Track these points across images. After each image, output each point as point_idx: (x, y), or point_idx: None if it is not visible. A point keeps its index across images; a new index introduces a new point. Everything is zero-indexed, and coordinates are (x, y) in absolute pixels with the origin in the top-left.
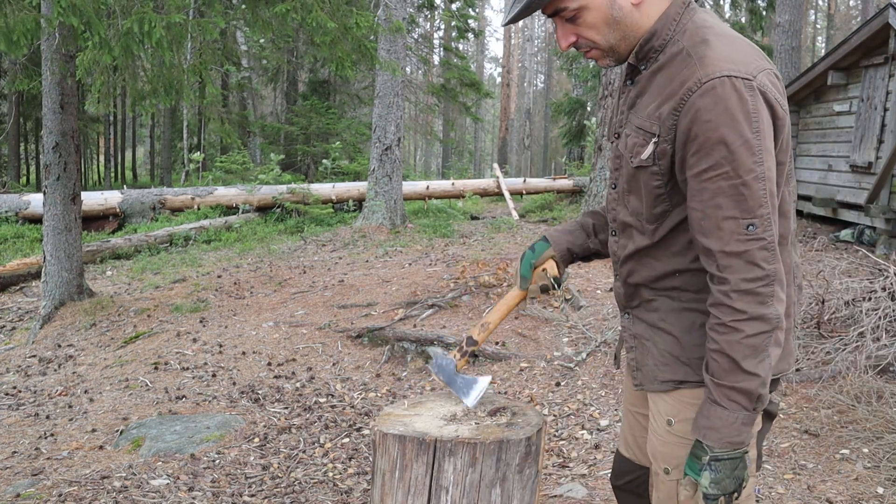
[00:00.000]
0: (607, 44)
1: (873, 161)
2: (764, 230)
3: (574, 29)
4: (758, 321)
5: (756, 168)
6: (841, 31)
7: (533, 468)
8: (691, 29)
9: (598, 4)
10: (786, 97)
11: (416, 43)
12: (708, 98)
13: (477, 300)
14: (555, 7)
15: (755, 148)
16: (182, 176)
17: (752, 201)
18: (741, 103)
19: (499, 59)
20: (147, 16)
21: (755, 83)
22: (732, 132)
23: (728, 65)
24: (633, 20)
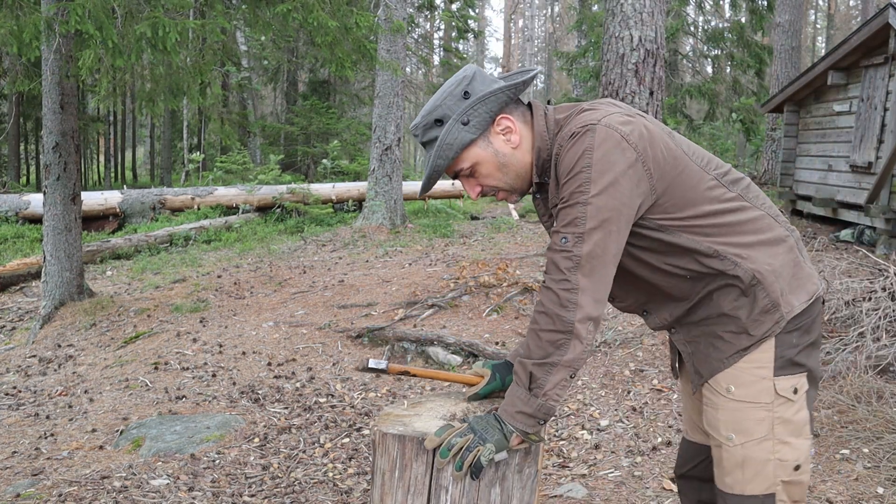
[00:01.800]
0: (507, 185)
1: (873, 161)
2: (573, 244)
3: (475, 181)
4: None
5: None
6: (841, 31)
7: (532, 467)
8: (556, 130)
9: (486, 159)
10: (644, 124)
11: (416, 43)
12: (560, 160)
13: (477, 300)
14: (453, 171)
15: (588, 188)
16: (182, 176)
17: (568, 219)
18: (578, 147)
19: (499, 59)
20: (161, 21)
21: (598, 126)
22: (573, 172)
23: (573, 127)
24: (517, 160)
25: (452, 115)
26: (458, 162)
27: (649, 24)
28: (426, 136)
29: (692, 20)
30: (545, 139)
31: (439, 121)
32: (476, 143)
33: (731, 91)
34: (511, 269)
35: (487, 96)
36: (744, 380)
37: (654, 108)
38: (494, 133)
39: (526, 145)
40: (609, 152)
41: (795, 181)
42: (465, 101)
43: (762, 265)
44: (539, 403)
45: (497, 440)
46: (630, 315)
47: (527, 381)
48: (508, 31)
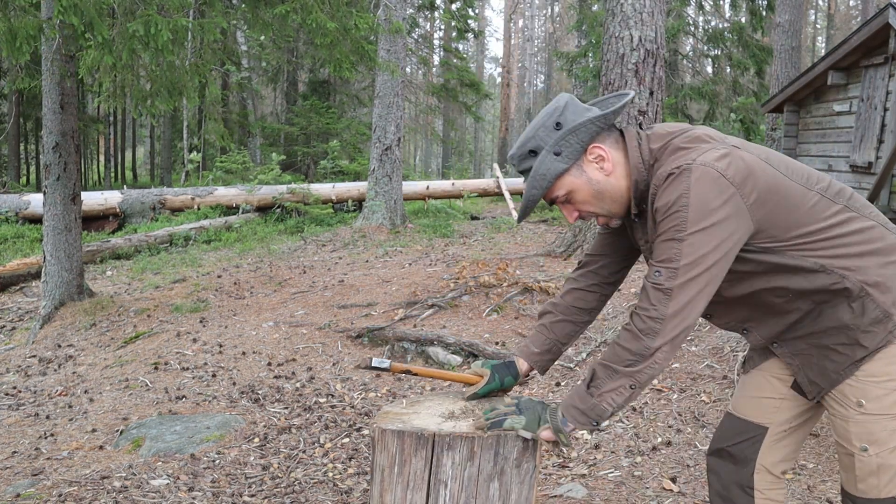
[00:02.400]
0: (605, 210)
1: (873, 161)
2: (666, 277)
3: (572, 207)
4: None
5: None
6: (841, 31)
7: (531, 463)
8: (654, 160)
9: (580, 187)
10: (739, 154)
11: (416, 43)
12: (657, 200)
13: (477, 300)
14: (549, 198)
15: (684, 226)
16: (182, 176)
17: (664, 255)
18: (674, 189)
19: (499, 59)
20: (153, 19)
21: (693, 166)
22: (671, 211)
23: (670, 166)
24: (612, 186)
25: (545, 146)
26: (553, 190)
27: (649, 24)
28: (522, 165)
29: (692, 20)
30: (641, 171)
31: (533, 152)
32: (569, 173)
33: (731, 91)
34: (511, 269)
35: (578, 127)
36: (875, 393)
37: (654, 108)
38: (587, 162)
39: (620, 171)
40: (706, 191)
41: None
42: (556, 133)
43: (871, 276)
44: (593, 403)
45: (530, 419)
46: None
47: (588, 378)
48: (508, 31)
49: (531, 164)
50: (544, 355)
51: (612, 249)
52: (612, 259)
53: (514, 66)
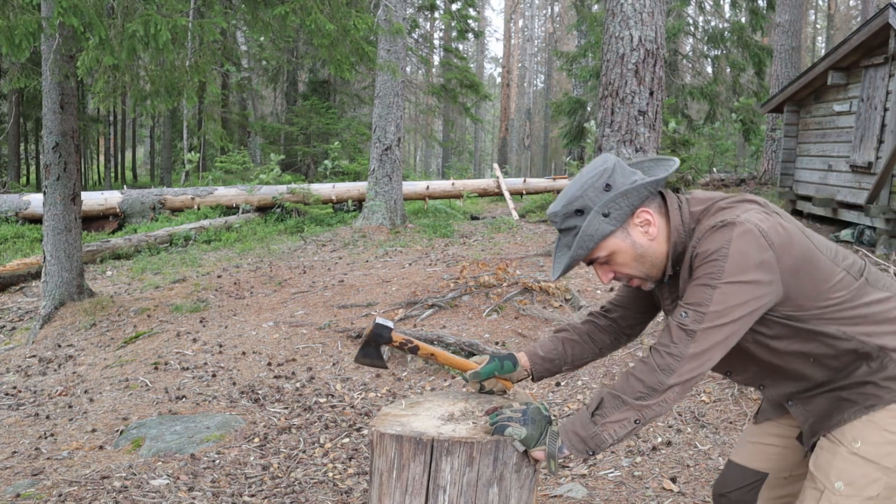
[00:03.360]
0: (643, 273)
1: (873, 161)
2: (692, 319)
3: (609, 268)
4: None
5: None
6: (841, 31)
7: (530, 467)
8: (694, 223)
9: (624, 248)
10: (780, 221)
11: (416, 43)
12: (698, 249)
13: (477, 300)
14: (589, 259)
15: (720, 275)
16: (182, 176)
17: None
18: (718, 239)
19: (499, 59)
20: (153, 18)
21: (738, 220)
22: (709, 259)
23: (715, 220)
24: (654, 250)
25: (594, 206)
26: (596, 251)
27: (649, 24)
28: (565, 223)
29: (692, 20)
30: (680, 234)
31: (580, 211)
32: (615, 235)
33: (731, 91)
34: (511, 269)
35: (630, 191)
36: (872, 438)
37: (654, 108)
38: (633, 225)
39: (662, 237)
40: (747, 247)
41: (795, 181)
42: (606, 194)
43: (890, 341)
44: (595, 431)
45: (530, 434)
46: None
47: (594, 405)
48: (508, 31)
49: (576, 223)
50: (546, 363)
51: (633, 303)
52: (631, 312)
53: (514, 66)
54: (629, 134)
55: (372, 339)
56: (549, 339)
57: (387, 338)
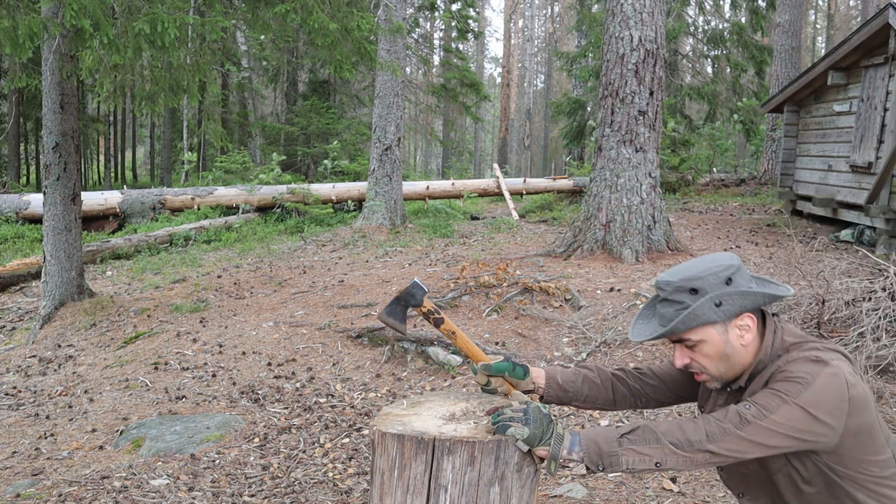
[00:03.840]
0: (717, 372)
1: (873, 161)
2: (753, 414)
3: (690, 354)
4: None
5: (778, 421)
6: (841, 31)
7: (531, 467)
8: (783, 350)
9: (716, 341)
10: (861, 380)
11: (416, 43)
12: (784, 367)
13: (477, 300)
14: (679, 337)
15: (797, 396)
16: (182, 176)
17: (764, 400)
18: (808, 368)
19: (499, 59)
20: (159, 16)
21: (832, 363)
22: (793, 378)
23: (812, 353)
24: (741, 356)
25: (710, 292)
26: (692, 333)
27: (649, 24)
28: (674, 295)
29: (692, 20)
30: (768, 353)
31: (695, 290)
32: (716, 326)
33: (732, 91)
34: (511, 269)
35: (748, 293)
36: None
37: (654, 108)
38: (734, 325)
39: (752, 348)
40: (830, 388)
41: (795, 181)
42: (726, 287)
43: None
44: (616, 451)
45: (532, 434)
46: (629, 314)
47: (627, 430)
48: (508, 31)
49: (686, 300)
50: (560, 391)
51: (674, 385)
52: (666, 390)
53: (514, 66)
54: (629, 134)
55: (403, 298)
56: (572, 370)
57: (418, 300)
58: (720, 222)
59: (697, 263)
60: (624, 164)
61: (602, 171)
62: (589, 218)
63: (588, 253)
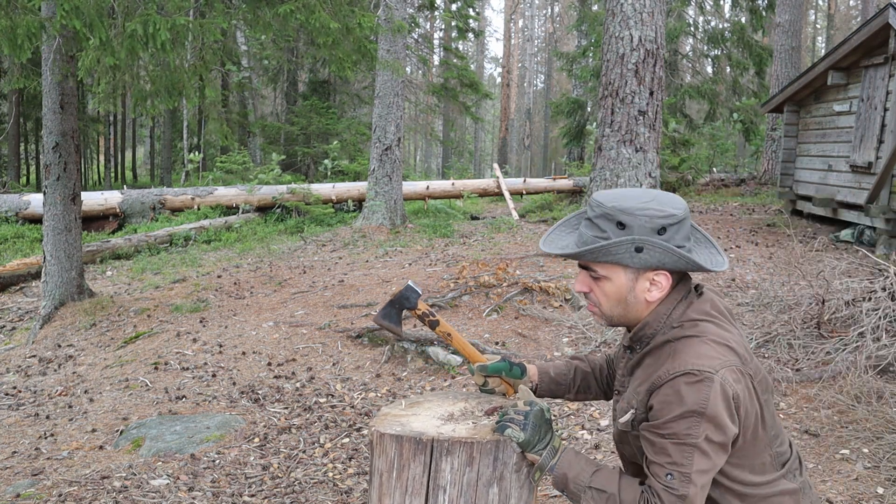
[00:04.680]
0: (609, 313)
1: (873, 161)
2: (679, 483)
3: (591, 284)
4: None
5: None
6: (841, 31)
7: (531, 467)
8: (678, 325)
9: (620, 285)
10: (751, 385)
11: (416, 43)
12: (669, 387)
13: (477, 300)
14: (586, 264)
15: (697, 433)
16: (182, 176)
17: (675, 457)
18: (694, 394)
19: (499, 59)
20: (152, 18)
21: (716, 377)
22: (682, 413)
23: (694, 360)
24: (639, 309)
25: (636, 234)
26: (600, 266)
27: (649, 24)
28: (598, 220)
29: (692, 20)
30: (661, 320)
31: (622, 224)
32: (627, 271)
33: (731, 91)
34: (511, 269)
35: (673, 253)
36: None
37: (654, 108)
38: (646, 277)
39: (653, 307)
40: (722, 412)
41: (795, 181)
42: (655, 236)
43: None
44: (577, 494)
45: (527, 440)
46: None
47: (599, 485)
48: (508, 31)
49: (609, 230)
50: (552, 384)
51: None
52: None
53: (514, 66)
54: (629, 134)
55: (398, 301)
56: (563, 362)
57: (413, 303)
58: (720, 222)
59: (640, 196)
60: (624, 164)
61: (602, 171)
62: None
63: None
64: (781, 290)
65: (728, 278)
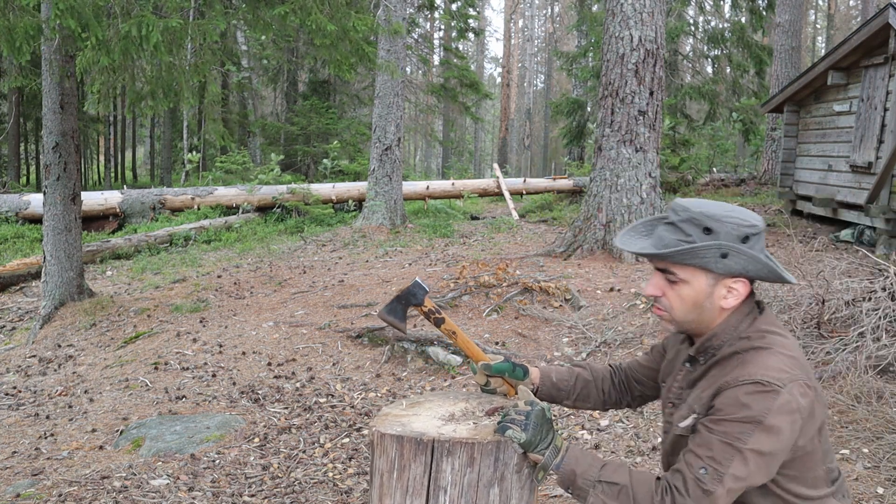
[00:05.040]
0: (682, 318)
1: (873, 161)
2: (710, 479)
3: (666, 288)
4: None
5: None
6: (841, 31)
7: (531, 468)
8: (746, 336)
9: (699, 290)
10: (815, 399)
11: (416, 43)
12: (735, 392)
13: (477, 300)
14: (665, 266)
15: (748, 440)
16: (182, 176)
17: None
18: (759, 402)
19: (499, 59)
20: (145, 19)
21: (783, 391)
22: (742, 417)
23: (763, 371)
24: (711, 316)
25: (721, 240)
26: (682, 269)
27: (649, 24)
28: (683, 224)
29: (692, 20)
30: (730, 330)
31: (708, 230)
32: (708, 276)
33: (731, 91)
34: (511, 269)
35: (758, 260)
36: None
37: (654, 108)
38: (726, 283)
39: (725, 314)
40: (783, 426)
41: (795, 181)
42: (740, 243)
43: None
44: (586, 490)
45: (528, 440)
46: (629, 314)
47: (609, 479)
48: (508, 31)
49: (694, 235)
50: (553, 389)
51: (648, 378)
52: (643, 386)
53: (514, 66)
54: (629, 134)
55: (404, 297)
56: (566, 369)
57: (420, 299)
58: None
59: (723, 206)
60: (624, 163)
61: (602, 171)
62: (589, 218)
63: (588, 253)
64: (781, 289)
65: None
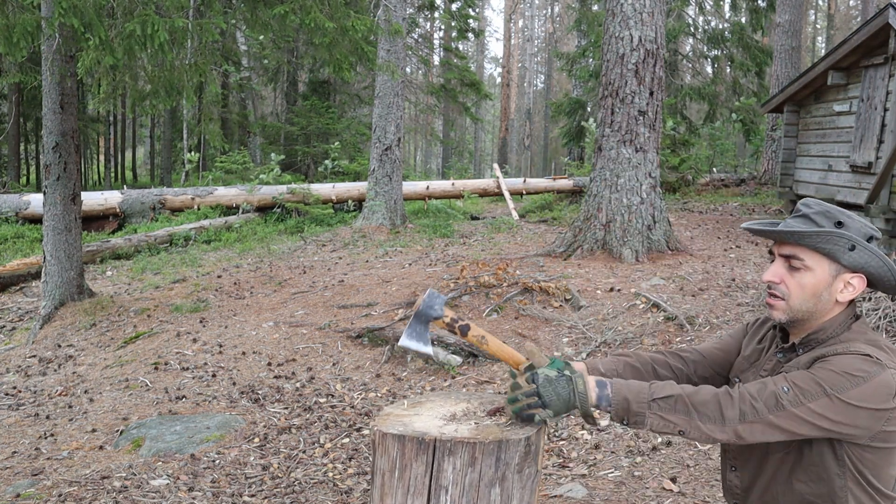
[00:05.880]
0: (798, 306)
1: (873, 161)
2: (789, 399)
3: (786, 275)
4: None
5: (824, 400)
6: (841, 31)
7: (532, 468)
8: (851, 333)
9: (821, 278)
10: None
11: (416, 43)
12: (840, 356)
13: (477, 300)
14: (788, 250)
15: (840, 391)
16: (182, 176)
17: (805, 386)
18: (862, 364)
19: (499, 59)
20: (150, 18)
21: (889, 369)
22: (842, 371)
23: (872, 349)
24: (824, 308)
25: (851, 234)
26: (808, 253)
27: (649, 24)
28: (815, 216)
29: (692, 20)
30: (836, 326)
31: (840, 223)
32: (830, 265)
33: (731, 91)
34: (511, 269)
35: (882, 258)
36: None
37: (654, 108)
38: (845, 277)
39: (836, 308)
40: (878, 393)
41: (795, 181)
42: (866, 242)
43: None
44: (642, 412)
45: (556, 407)
46: (629, 314)
47: (662, 395)
48: (508, 31)
49: (826, 224)
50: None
51: (714, 363)
52: (708, 368)
53: (514, 66)
54: (629, 134)
55: (423, 314)
56: (611, 358)
57: (439, 312)
58: (720, 222)
59: (846, 211)
60: (624, 164)
61: (602, 171)
62: (589, 218)
63: (588, 253)
64: None
65: (728, 278)
